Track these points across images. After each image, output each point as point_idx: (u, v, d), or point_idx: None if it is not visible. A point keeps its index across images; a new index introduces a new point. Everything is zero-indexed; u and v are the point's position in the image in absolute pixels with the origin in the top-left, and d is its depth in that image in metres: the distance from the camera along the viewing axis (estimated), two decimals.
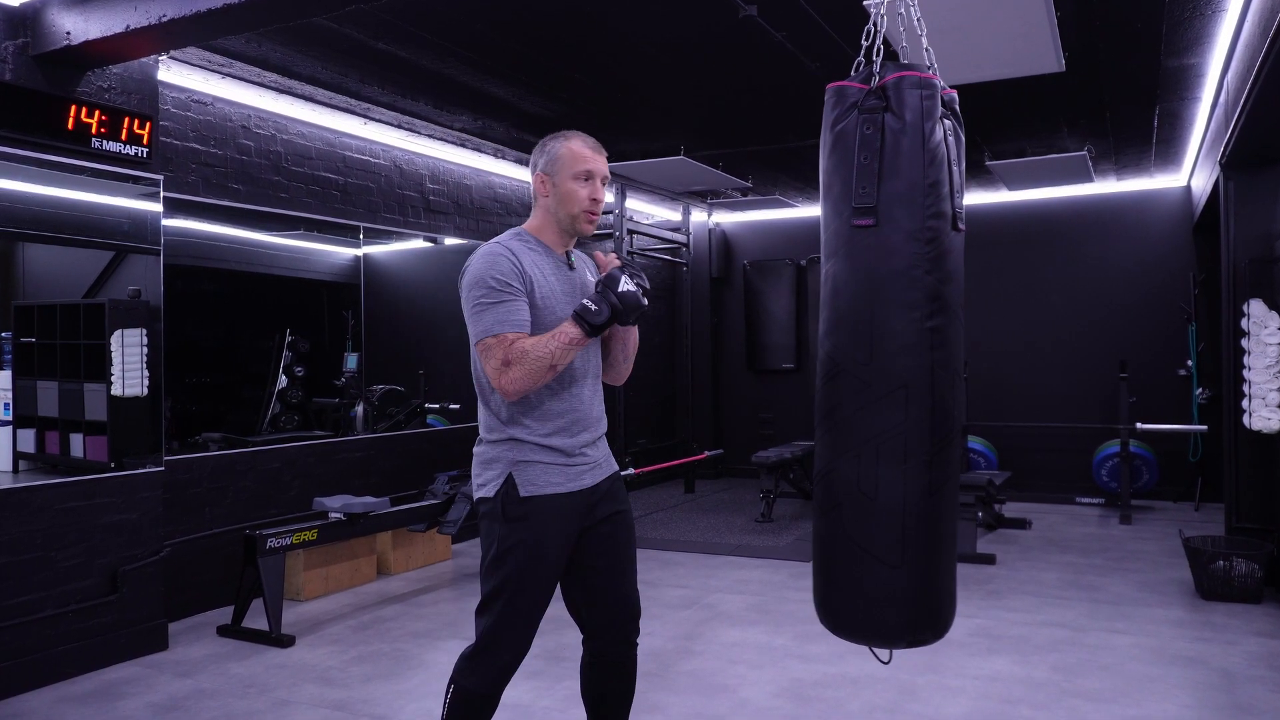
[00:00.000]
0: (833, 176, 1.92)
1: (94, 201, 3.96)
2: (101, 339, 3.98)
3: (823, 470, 1.95)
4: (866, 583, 1.89)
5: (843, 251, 1.90)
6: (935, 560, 1.88)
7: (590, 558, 2.30)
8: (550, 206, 2.28)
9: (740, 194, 8.11)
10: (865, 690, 3.50)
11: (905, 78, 1.85)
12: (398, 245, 6.21)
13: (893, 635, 1.90)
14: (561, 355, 2.12)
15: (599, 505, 2.29)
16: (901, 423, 1.84)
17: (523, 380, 2.10)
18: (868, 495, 1.86)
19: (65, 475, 3.86)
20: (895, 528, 1.85)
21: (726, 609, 4.63)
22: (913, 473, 1.84)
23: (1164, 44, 4.33)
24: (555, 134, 2.31)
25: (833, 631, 1.98)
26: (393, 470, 5.77)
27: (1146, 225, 7.68)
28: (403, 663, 3.89)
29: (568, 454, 2.22)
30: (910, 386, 1.83)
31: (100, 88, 3.88)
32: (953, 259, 1.88)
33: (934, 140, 1.84)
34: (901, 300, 1.83)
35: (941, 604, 1.92)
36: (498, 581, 2.18)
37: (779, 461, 6.94)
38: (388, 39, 4.16)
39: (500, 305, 2.13)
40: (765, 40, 4.22)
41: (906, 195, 1.83)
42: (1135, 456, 7.19)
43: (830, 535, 1.94)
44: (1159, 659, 3.81)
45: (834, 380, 1.91)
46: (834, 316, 1.92)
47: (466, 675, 2.20)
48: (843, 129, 1.90)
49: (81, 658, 3.79)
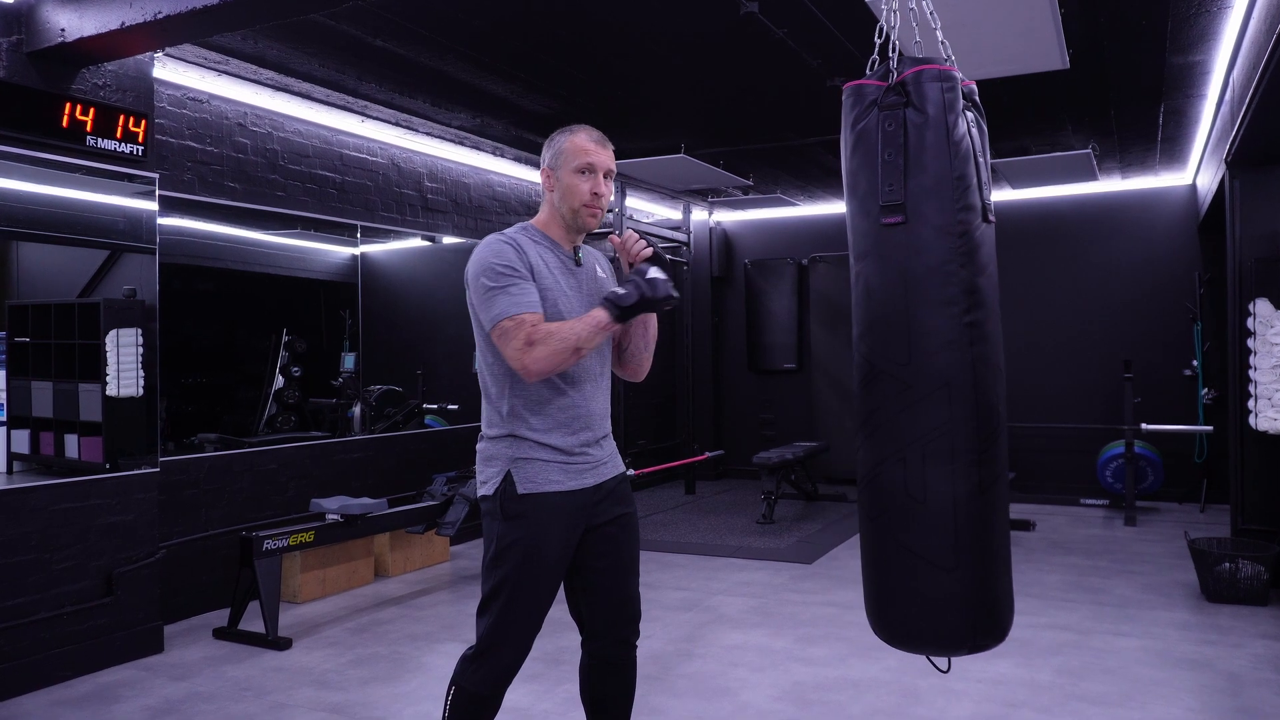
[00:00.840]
0: (857, 176, 1.89)
1: (89, 200, 3.96)
2: (96, 339, 3.98)
3: (868, 475, 1.90)
4: (921, 589, 1.84)
5: (874, 251, 1.87)
6: (990, 561, 1.85)
7: (593, 558, 2.30)
8: (555, 201, 2.28)
9: (741, 192, 8.11)
10: (867, 693, 3.49)
11: (924, 71, 1.83)
12: (395, 244, 6.20)
13: (953, 642, 1.85)
14: (588, 338, 2.12)
15: (603, 506, 2.28)
16: (946, 422, 1.80)
17: (547, 360, 2.09)
18: (916, 499, 1.82)
19: (60, 476, 3.86)
20: (947, 530, 1.81)
21: (727, 611, 4.63)
22: (961, 472, 1.80)
23: (1169, 41, 4.32)
24: (564, 128, 2.30)
25: (889, 643, 1.93)
26: (390, 471, 5.76)
27: (1151, 224, 7.68)
28: (401, 665, 3.89)
29: (568, 452, 2.21)
30: (952, 384, 1.80)
31: (95, 85, 3.88)
32: (985, 252, 1.86)
33: (958, 133, 1.82)
34: (937, 297, 1.80)
35: (1000, 606, 1.87)
36: (496, 581, 2.18)
37: (781, 462, 6.93)
38: (385, 36, 4.16)
39: (511, 289, 2.13)
40: (766, 37, 4.22)
41: (934, 190, 1.81)
42: (1140, 457, 7.18)
43: (880, 542, 1.89)
44: (1164, 662, 3.81)
45: (873, 383, 1.87)
46: (868, 318, 1.88)
47: (467, 676, 2.19)
48: (864, 127, 1.88)
49: (76, 661, 3.78)
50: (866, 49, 2.02)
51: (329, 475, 5.38)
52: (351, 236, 5.71)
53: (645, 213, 8.88)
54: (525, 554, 2.16)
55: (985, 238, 1.87)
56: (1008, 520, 1.93)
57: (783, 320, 9.10)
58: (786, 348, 9.09)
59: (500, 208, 6.86)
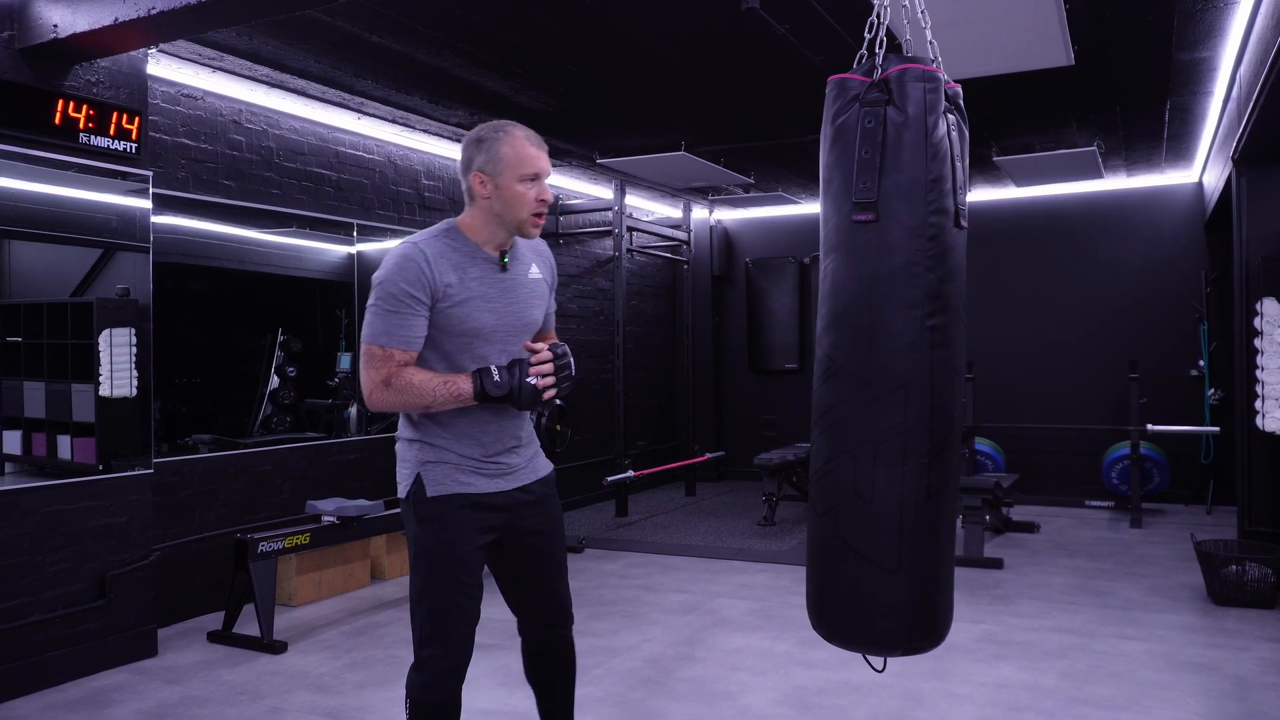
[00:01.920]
0: (833, 171, 1.91)
1: (81, 198, 3.96)
2: (89, 339, 3.98)
3: (819, 471, 1.94)
4: (863, 588, 1.88)
5: (843, 247, 1.89)
6: (934, 565, 1.88)
7: (521, 563, 2.33)
8: (494, 209, 2.19)
9: (742, 190, 8.11)
10: (869, 698, 3.49)
11: (908, 70, 1.85)
12: (393, 242, 6.17)
13: (889, 643, 1.89)
14: (442, 404, 2.12)
15: (526, 511, 2.29)
16: (901, 423, 1.83)
17: (393, 406, 2.13)
18: (864, 498, 1.85)
19: (52, 478, 3.86)
20: (893, 532, 1.84)
21: (728, 614, 4.63)
22: (911, 475, 1.83)
23: (1175, 37, 4.32)
24: (490, 126, 2.20)
25: (826, 639, 1.97)
26: (387, 472, 5.76)
27: (1157, 222, 7.68)
28: (397, 669, 3.88)
29: (478, 459, 2.22)
30: (910, 386, 1.83)
31: (88, 82, 3.88)
32: (955, 256, 1.88)
33: (937, 135, 1.83)
34: (902, 298, 1.83)
35: (939, 611, 1.91)
36: (419, 584, 2.20)
37: (782, 464, 6.93)
38: (382, 32, 4.16)
39: (396, 315, 2.11)
40: (768, 33, 4.22)
41: (908, 191, 1.82)
42: (1146, 459, 7.19)
43: (825, 539, 1.93)
44: (1170, 665, 3.81)
45: (832, 378, 1.90)
46: (832, 313, 1.91)
47: (415, 685, 2.19)
48: (844, 122, 1.89)
49: (69, 664, 3.78)
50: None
51: (325, 476, 5.38)
52: (348, 235, 5.71)
53: (645, 211, 8.88)
54: (439, 556, 2.18)
55: (956, 242, 1.88)
56: (954, 526, 1.96)
57: (784, 320, 9.10)
58: (788, 347, 9.09)
59: None
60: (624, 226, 7.44)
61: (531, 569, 2.34)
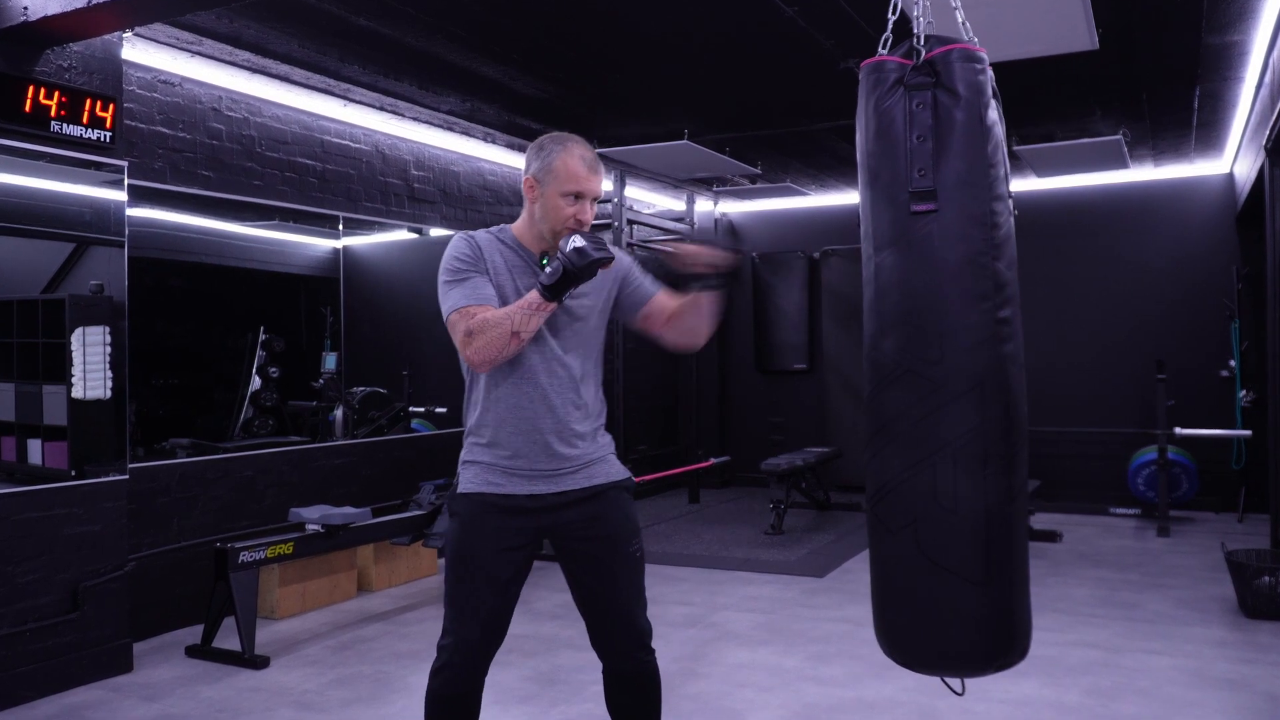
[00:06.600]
0: (879, 160, 1.88)
1: (53, 189, 3.96)
2: (61, 337, 3.98)
3: (889, 485, 1.88)
4: (950, 605, 1.83)
5: (901, 241, 1.85)
6: (1019, 573, 1.87)
7: (579, 574, 2.44)
8: (536, 214, 2.37)
9: (748, 181, 8.12)
10: (883, 715, 3.50)
11: (954, 50, 1.83)
12: (380, 236, 6.21)
13: (980, 662, 1.86)
14: (522, 321, 2.21)
15: (572, 521, 2.37)
16: (978, 425, 1.80)
17: (486, 349, 2.21)
18: (947, 508, 1.82)
19: (22, 484, 3.87)
20: (979, 540, 1.82)
21: (734, 628, 4.64)
22: (993, 478, 1.81)
23: (1204, 20, 4.32)
24: (556, 137, 2.37)
25: (906, 665, 1.93)
26: (375, 479, 5.77)
27: (1186, 215, 7.68)
28: (385, 685, 3.89)
29: (511, 455, 2.33)
30: (985, 384, 1.81)
31: (60, 67, 3.88)
32: (1013, 245, 1.88)
33: (990, 117, 1.83)
34: (973, 291, 1.81)
35: (1024, 621, 1.89)
36: (447, 577, 2.36)
37: (790, 469, 6.94)
38: (369, 14, 4.16)
39: (464, 283, 2.28)
40: (776, 17, 4.22)
41: (968, 177, 1.80)
42: (1173, 464, 7.18)
43: (902, 556, 1.87)
44: (1200, 682, 3.81)
45: (895, 385, 1.86)
46: (891, 314, 1.87)
47: (431, 673, 2.35)
48: (888, 108, 1.86)
49: (40, 680, 3.78)
50: (882, 29, 2.02)
51: (309, 483, 5.38)
52: (333, 228, 5.72)
53: (646, 203, 8.88)
54: (458, 553, 2.33)
55: (1012, 230, 1.89)
56: (1027, 528, 1.95)
57: (792, 318, 9.10)
58: (797, 347, 9.09)
59: (491, 198, 6.87)
60: (624, 219, 7.44)
61: (591, 581, 2.42)
